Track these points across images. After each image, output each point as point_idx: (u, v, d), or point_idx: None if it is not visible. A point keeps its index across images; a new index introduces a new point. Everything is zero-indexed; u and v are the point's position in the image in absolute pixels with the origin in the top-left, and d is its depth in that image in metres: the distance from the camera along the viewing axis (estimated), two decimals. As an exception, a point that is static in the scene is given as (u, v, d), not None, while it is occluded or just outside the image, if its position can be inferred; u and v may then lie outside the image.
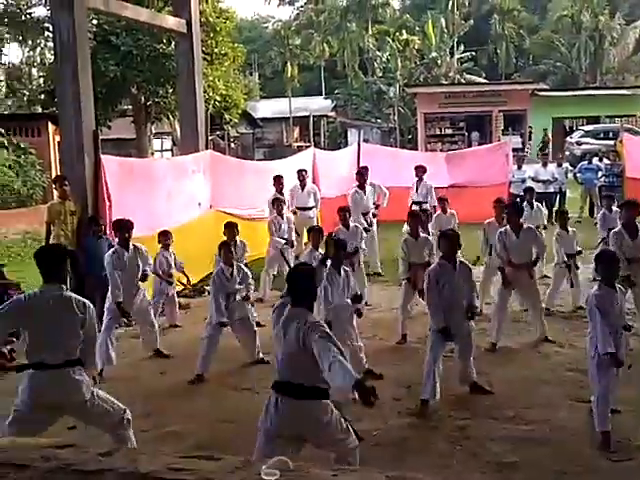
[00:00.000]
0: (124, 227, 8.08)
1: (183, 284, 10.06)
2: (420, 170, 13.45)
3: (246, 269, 7.92)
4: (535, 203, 11.51)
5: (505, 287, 8.12)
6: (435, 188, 13.54)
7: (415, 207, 12.31)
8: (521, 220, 8.31)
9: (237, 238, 8.94)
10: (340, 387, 4.13)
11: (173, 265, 9.31)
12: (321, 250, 8.01)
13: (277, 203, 11.04)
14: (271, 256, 10.92)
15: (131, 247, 8.02)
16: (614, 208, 10.32)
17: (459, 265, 6.55)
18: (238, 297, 7.64)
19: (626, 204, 8.62)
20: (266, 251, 11.03)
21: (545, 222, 11.75)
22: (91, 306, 4.97)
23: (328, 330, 4.35)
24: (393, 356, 7.79)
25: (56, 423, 4.94)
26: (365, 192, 12.44)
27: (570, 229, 9.70)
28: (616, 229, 8.38)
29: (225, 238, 8.61)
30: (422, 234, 8.87)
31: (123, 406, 4.99)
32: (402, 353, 7.85)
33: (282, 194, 11.92)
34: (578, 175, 17.87)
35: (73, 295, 4.92)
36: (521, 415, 6.08)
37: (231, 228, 8.95)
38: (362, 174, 12.80)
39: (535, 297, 8.36)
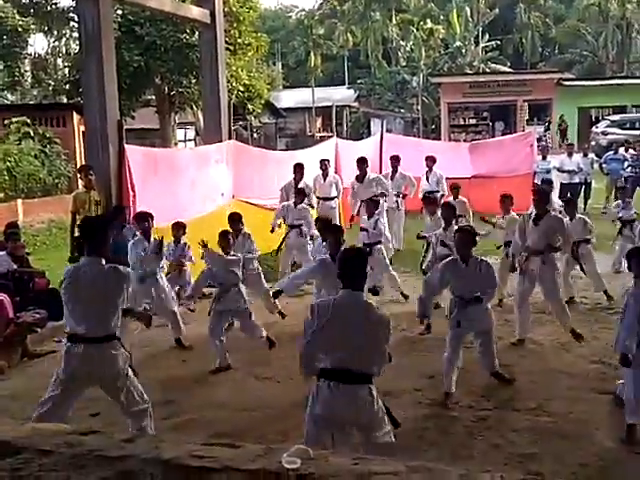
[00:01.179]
0: (144, 218, 8.15)
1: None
2: (430, 160, 13.46)
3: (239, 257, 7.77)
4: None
5: (518, 285, 8.05)
6: (458, 179, 13.49)
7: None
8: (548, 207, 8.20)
9: (243, 230, 8.78)
10: None
11: (186, 258, 9.29)
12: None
13: (300, 194, 10.93)
14: (289, 242, 10.83)
15: (152, 238, 8.09)
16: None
17: (472, 262, 6.39)
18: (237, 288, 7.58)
19: None
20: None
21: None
22: (122, 272, 5.03)
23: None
24: (415, 346, 7.78)
25: (80, 406, 5.00)
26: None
27: (579, 216, 9.68)
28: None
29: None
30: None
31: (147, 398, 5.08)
32: (424, 343, 7.83)
33: (298, 183, 11.75)
34: (604, 166, 17.69)
35: (113, 266, 4.98)
36: (543, 407, 6.04)
37: (233, 220, 8.71)
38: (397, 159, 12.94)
39: (553, 290, 7.97)
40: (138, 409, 5.02)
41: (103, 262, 4.96)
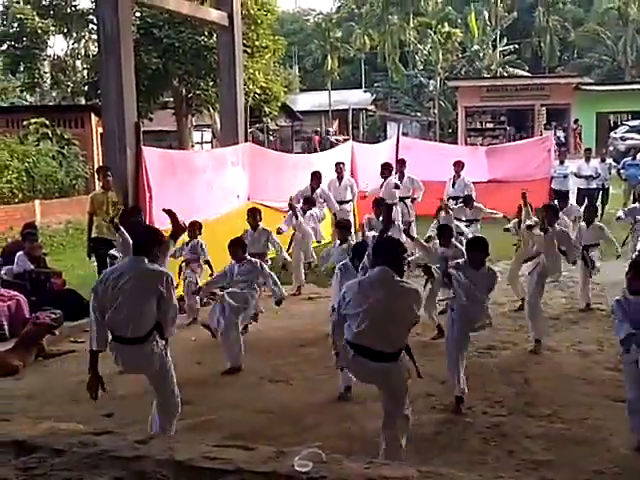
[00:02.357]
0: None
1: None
2: (459, 165, 13.33)
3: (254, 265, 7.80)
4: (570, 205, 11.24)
5: (529, 293, 8.12)
6: (474, 183, 13.43)
7: (452, 202, 12.30)
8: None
9: (260, 225, 8.87)
10: None
11: (201, 255, 9.31)
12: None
13: (308, 203, 11.03)
14: (297, 240, 10.88)
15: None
16: None
17: (482, 270, 6.34)
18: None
19: None
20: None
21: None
22: (170, 275, 5.13)
23: None
24: (428, 351, 7.74)
25: (94, 406, 5.05)
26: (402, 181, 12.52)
27: (597, 224, 9.68)
28: None
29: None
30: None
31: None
32: (437, 348, 7.78)
33: (314, 191, 11.81)
34: (622, 171, 17.56)
35: (152, 267, 5.06)
36: (558, 413, 6.01)
37: (254, 214, 8.81)
38: (392, 165, 12.90)
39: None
40: (173, 402, 5.20)
41: (145, 261, 5.06)
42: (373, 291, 4.66)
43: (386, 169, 12.72)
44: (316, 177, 11.93)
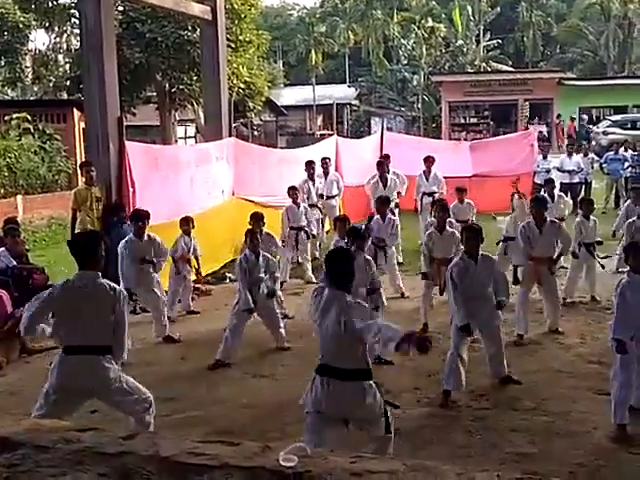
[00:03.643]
0: (139, 217, 8.16)
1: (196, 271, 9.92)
2: (429, 161, 13.33)
3: (273, 260, 7.91)
4: (558, 194, 11.34)
5: (521, 284, 8.08)
6: (458, 177, 13.47)
7: (427, 198, 12.33)
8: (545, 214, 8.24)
9: (264, 230, 8.79)
10: (390, 338, 4.05)
11: (192, 251, 9.32)
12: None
13: (292, 192, 11.03)
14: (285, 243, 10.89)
15: (145, 237, 8.09)
16: None
17: (481, 259, 6.45)
18: (263, 289, 7.62)
19: None
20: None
21: (567, 213, 11.52)
22: (123, 292, 5.03)
23: (366, 306, 4.50)
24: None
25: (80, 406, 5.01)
26: (386, 182, 12.39)
27: (592, 218, 9.59)
28: (631, 219, 8.43)
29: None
30: (449, 228, 8.64)
31: (148, 392, 5.06)
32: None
33: (313, 179, 12.01)
34: (604, 165, 17.68)
35: (106, 282, 4.96)
36: (541, 406, 6.05)
37: (257, 219, 8.75)
38: (382, 164, 12.79)
39: (553, 290, 8.25)
40: (139, 407, 5.00)
41: (99, 274, 4.92)
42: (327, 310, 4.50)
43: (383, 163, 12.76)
44: (309, 165, 12.12)
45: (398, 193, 12.83)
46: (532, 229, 8.04)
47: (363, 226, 8.10)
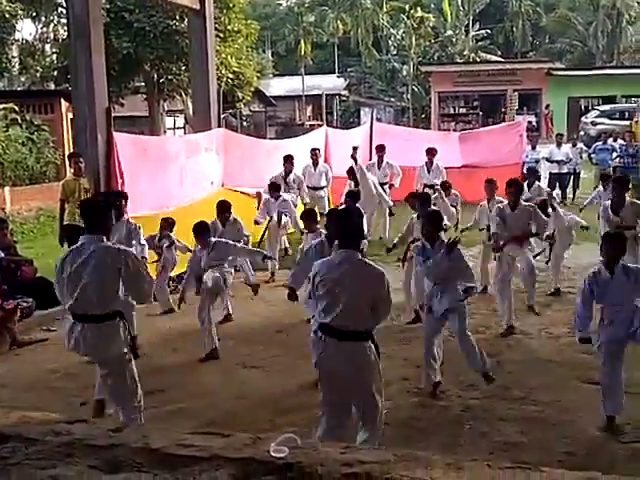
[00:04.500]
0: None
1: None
2: (432, 152, 13.33)
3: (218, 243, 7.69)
4: (537, 184, 11.31)
5: (497, 270, 8.18)
6: (447, 168, 13.48)
7: (428, 190, 12.30)
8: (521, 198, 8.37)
9: (232, 216, 8.68)
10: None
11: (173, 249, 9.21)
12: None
13: (272, 189, 10.99)
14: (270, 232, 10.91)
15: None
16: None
17: (439, 245, 6.23)
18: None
19: (615, 180, 8.76)
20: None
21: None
22: (128, 250, 5.09)
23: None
24: (404, 335, 7.80)
25: (69, 394, 5.00)
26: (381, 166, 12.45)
27: (559, 210, 9.52)
28: (605, 203, 8.54)
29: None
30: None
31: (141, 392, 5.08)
32: (413, 332, 7.85)
33: (288, 175, 11.87)
34: (592, 156, 17.74)
35: (111, 244, 5.02)
36: (530, 396, 6.09)
37: (223, 210, 8.63)
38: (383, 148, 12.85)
39: (529, 266, 8.34)
40: (131, 397, 5.00)
41: (103, 238, 4.98)
42: (338, 271, 4.50)
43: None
44: (289, 161, 11.92)
45: (391, 185, 12.85)
46: (505, 209, 8.17)
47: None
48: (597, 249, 5.82)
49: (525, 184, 10.36)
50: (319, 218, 8.75)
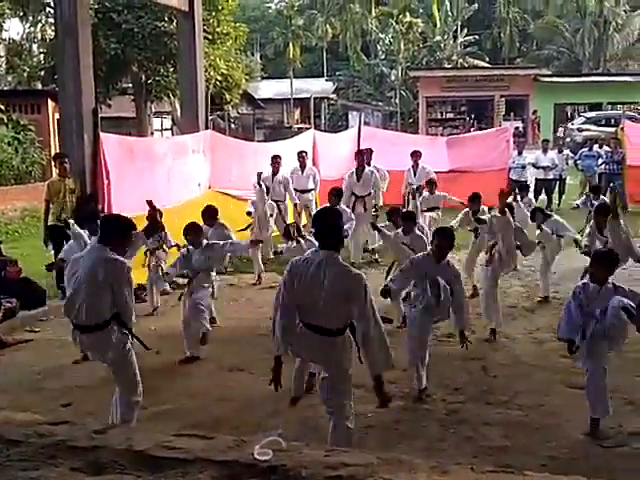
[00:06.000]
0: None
1: None
2: (416, 155, 13.37)
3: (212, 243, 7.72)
4: (528, 197, 11.42)
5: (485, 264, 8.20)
6: (435, 172, 13.50)
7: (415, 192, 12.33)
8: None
9: (218, 220, 8.69)
10: (372, 362, 4.54)
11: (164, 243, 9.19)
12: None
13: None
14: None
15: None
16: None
17: (445, 264, 6.28)
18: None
19: (596, 211, 8.68)
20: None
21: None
22: (127, 267, 5.09)
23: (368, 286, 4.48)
24: (391, 339, 7.75)
25: (52, 395, 4.98)
26: (361, 175, 12.26)
27: (546, 229, 9.49)
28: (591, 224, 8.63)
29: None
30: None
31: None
32: (400, 337, 7.84)
33: (275, 175, 11.88)
34: (578, 162, 17.86)
35: (110, 256, 5.01)
36: (514, 400, 6.11)
37: (209, 217, 8.61)
38: (360, 154, 12.77)
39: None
40: (133, 393, 5.17)
41: (108, 250, 5.00)
42: (316, 271, 4.47)
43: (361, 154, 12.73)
44: (276, 161, 11.92)
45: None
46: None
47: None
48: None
49: (518, 197, 10.56)
50: (307, 221, 8.76)
